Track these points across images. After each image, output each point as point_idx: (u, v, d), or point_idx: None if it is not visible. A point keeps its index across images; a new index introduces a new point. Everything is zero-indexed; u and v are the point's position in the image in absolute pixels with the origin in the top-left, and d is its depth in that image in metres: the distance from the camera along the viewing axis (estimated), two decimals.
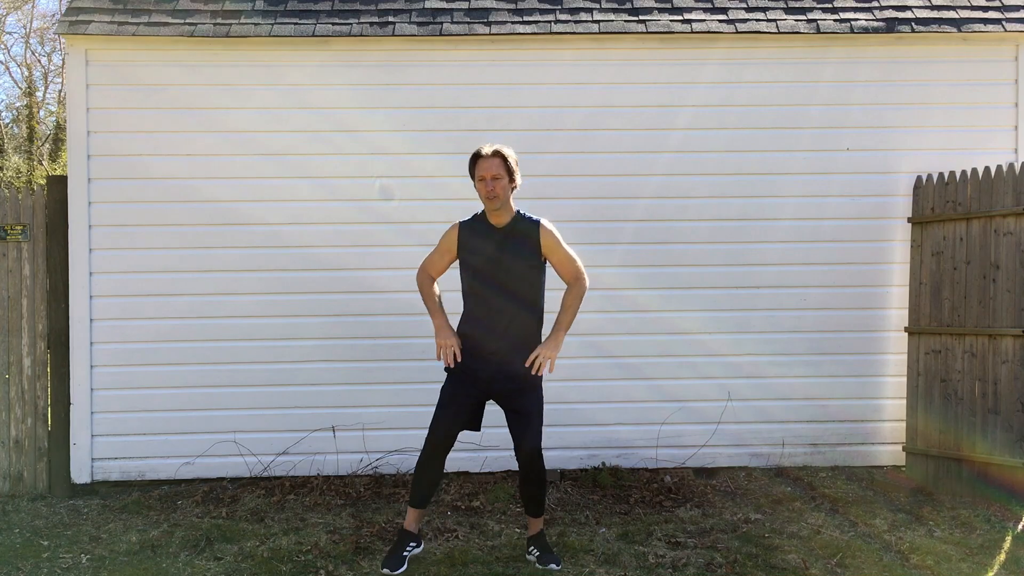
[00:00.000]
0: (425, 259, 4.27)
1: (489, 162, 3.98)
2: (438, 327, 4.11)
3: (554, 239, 4.09)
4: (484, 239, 4.07)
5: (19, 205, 5.60)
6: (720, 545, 4.50)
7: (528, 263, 4.06)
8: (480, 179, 4.00)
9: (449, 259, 4.19)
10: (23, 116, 18.53)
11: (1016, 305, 5.09)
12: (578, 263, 4.15)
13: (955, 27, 5.74)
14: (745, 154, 5.79)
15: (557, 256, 4.11)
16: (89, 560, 4.41)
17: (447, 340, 4.06)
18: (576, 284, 4.14)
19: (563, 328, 4.08)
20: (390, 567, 4.10)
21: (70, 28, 5.53)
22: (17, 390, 5.59)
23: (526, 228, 4.08)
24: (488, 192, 3.98)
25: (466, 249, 4.10)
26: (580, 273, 4.15)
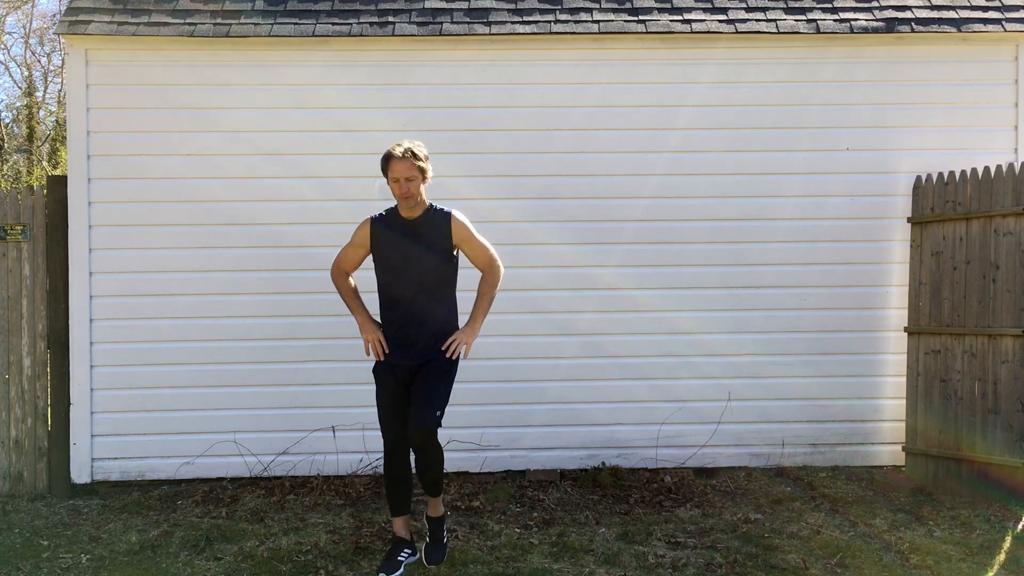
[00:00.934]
0: (338, 255, 4.30)
1: (401, 164, 3.98)
2: (361, 323, 4.19)
3: (466, 230, 4.14)
4: (397, 232, 4.12)
5: (19, 205, 5.60)
6: (720, 545, 4.50)
7: (440, 254, 4.10)
8: (394, 180, 4.01)
9: (363, 253, 4.24)
10: (23, 116, 18.52)
11: (1016, 305, 5.09)
12: (491, 251, 4.19)
13: (955, 27, 5.74)
14: (745, 154, 5.80)
15: (469, 246, 4.16)
16: (89, 560, 4.41)
17: (373, 334, 4.14)
18: (490, 272, 4.19)
19: (482, 314, 4.16)
20: (386, 571, 4.11)
21: (70, 28, 5.53)
22: (17, 390, 5.59)
23: (438, 220, 4.12)
24: (403, 192, 4.02)
25: (379, 242, 4.14)
26: (493, 261, 4.19)
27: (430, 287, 4.10)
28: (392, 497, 4.27)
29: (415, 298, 4.09)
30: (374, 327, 4.17)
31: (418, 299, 4.09)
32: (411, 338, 4.09)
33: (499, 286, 4.23)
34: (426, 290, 4.10)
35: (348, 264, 4.28)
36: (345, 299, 4.30)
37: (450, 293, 4.17)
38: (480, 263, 4.20)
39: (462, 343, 4.08)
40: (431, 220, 4.12)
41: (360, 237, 4.21)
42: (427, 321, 4.10)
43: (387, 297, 4.16)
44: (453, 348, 4.06)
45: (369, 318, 4.21)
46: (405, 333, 4.10)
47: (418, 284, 4.08)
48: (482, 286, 4.20)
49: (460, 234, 4.13)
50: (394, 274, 4.11)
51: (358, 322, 4.22)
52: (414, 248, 4.08)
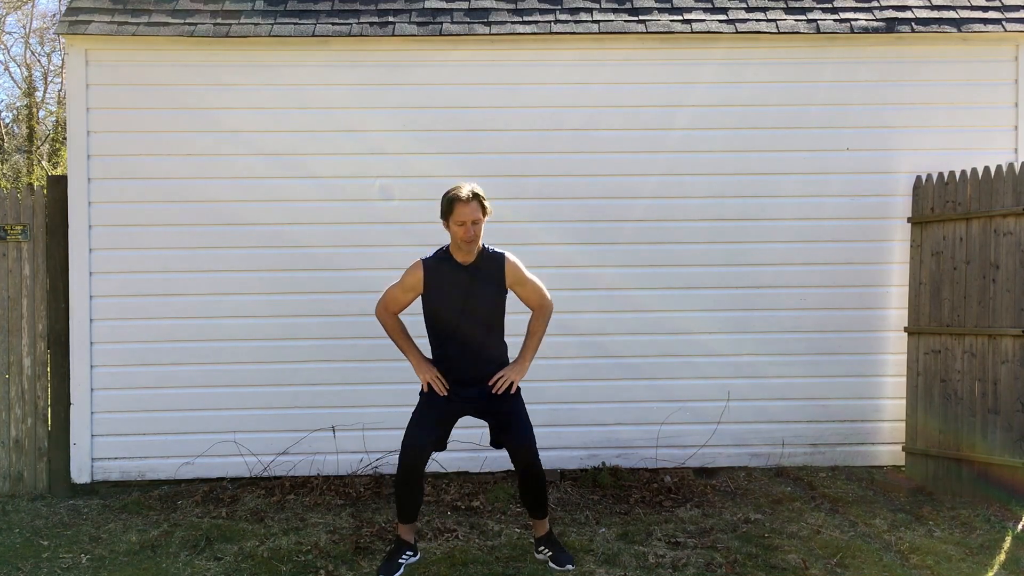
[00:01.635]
0: (385, 295, 4.21)
1: (468, 207, 3.93)
2: (416, 363, 4.14)
3: (519, 271, 4.13)
4: (452, 276, 4.06)
5: (19, 205, 5.60)
6: (720, 545, 4.50)
7: (495, 297, 4.10)
8: (460, 224, 3.95)
9: (412, 297, 4.17)
10: (23, 116, 18.51)
11: (1016, 305, 5.09)
12: (543, 290, 4.20)
13: (955, 27, 5.74)
14: (745, 154, 5.79)
15: (524, 287, 4.16)
16: (89, 560, 4.41)
17: (430, 373, 4.10)
18: (541, 311, 4.21)
19: (530, 353, 4.16)
20: (386, 573, 4.09)
21: (70, 28, 5.53)
22: (17, 390, 5.59)
23: (492, 263, 4.10)
24: (467, 236, 3.96)
25: (434, 287, 4.09)
26: (545, 300, 4.21)
27: (485, 328, 4.09)
28: (405, 503, 4.16)
29: (471, 339, 4.07)
30: (429, 365, 4.13)
31: (474, 339, 4.07)
32: (466, 377, 4.08)
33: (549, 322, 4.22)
34: (481, 331, 4.08)
35: (396, 306, 4.20)
36: (395, 339, 4.21)
37: (501, 330, 4.17)
38: (532, 303, 4.20)
39: (508, 380, 4.07)
40: (486, 263, 4.09)
41: (412, 281, 4.13)
42: (482, 360, 4.09)
43: (441, 338, 4.13)
44: (500, 385, 4.05)
45: (423, 357, 4.16)
46: (460, 372, 4.08)
47: (474, 325, 4.06)
48: (533, 324, 4.20)
49: (514, 276, 4.11)
50: (449, 317, 4.07)
51: (412, 363, 4.16)
52: (470, 291, 4.04)
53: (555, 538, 4.32)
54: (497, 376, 4.07)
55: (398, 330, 4.20)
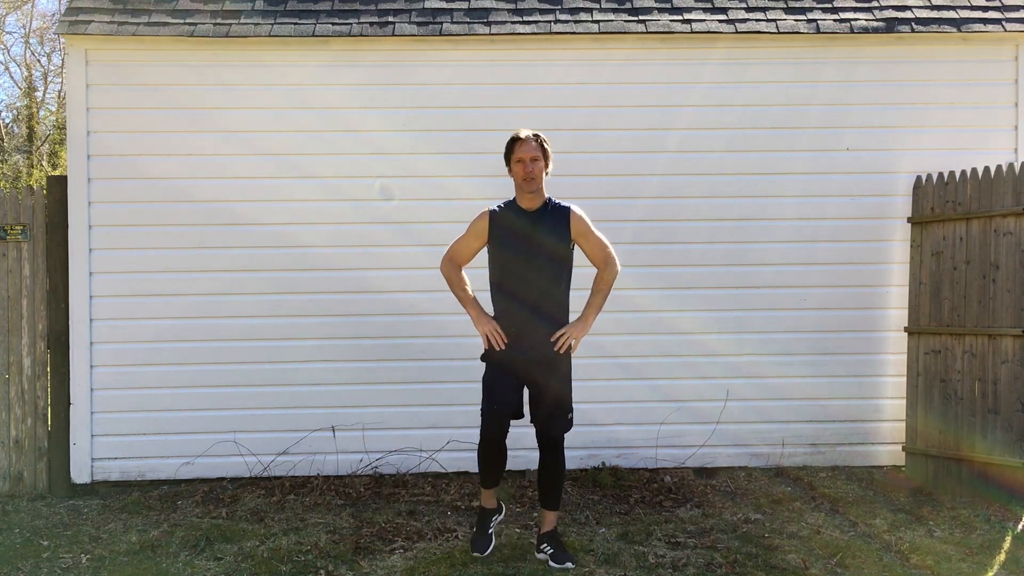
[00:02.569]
0: (451, 247, 4.24)
1: (528, 144, 4.02)
2: (475, 316, 4.14)
3: (585, 224, 4.13)
4: (516, 223, 4.09)
5: (19, 205, 5.59)
6: (720, 545, 4.50)
7: (560, 247, 4.09)
8: (519, 161, 4.02)
9: (479, 245, 4.18)
10: (23, 116, 18.51)
11: (1016, 305, 5.09)
12: (609, 248, 4.19)
13: (955, 27, 5.74)
14: (745, 154, 5.79)
15: (588, 241, 4.14)
16: (89, 560, 4.41)
17: (488, 326, 4.09)
18: (607, 268, 4.18)
19: (594, 310, 4.14)
20: (480, 550, 4.19)
21: (70, 28, 5.53)
22: (17, 390, 5.59)
23: (557, 213, 4.11)
24: (527, 173, 4.01)
25: (499, 233, 4.10)
26: (611, 257, 4.18)
27: (547, 280, 4.08)
28: (487, 471, 4.19)
29: (533, 290, 4.06)
30: (488, 319, 4.12)
31: (535, 291, 4.07)
32: (527, 330, 4.06)
33: (614, 284, 4.21)
34: (544, 282, 4.08)
35: (462, 256, 4.21)
36: (456, 292, 4.22)
37: (566, 287, 4.15)
38: (597, 259, 4.18)
39: (571, 337, 4.06)
40: (551, 212, 4.10)
41: (478, 228, 4.15)
42: (543, 314, 4.08)
43: (503, 289, 4.12)
44: (563, 342, 4.04)
45: (482, 311, 4.16)
46: (521, 325, 4.06)
47: (537, 276, 4.07)
48: (597, 282, 4.19)
49: (579, 228, 4.11)
50: (513, 265, 4.07)
51: (471, 315, 4.16)
52: (533, 240, 4.05)
53: (559, 536, 4.32)
54: (559, 333, 4.05)
55: (461, 283, 4.21)
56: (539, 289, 4.07)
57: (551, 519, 4.30)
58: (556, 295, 4.11)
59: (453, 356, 5.60)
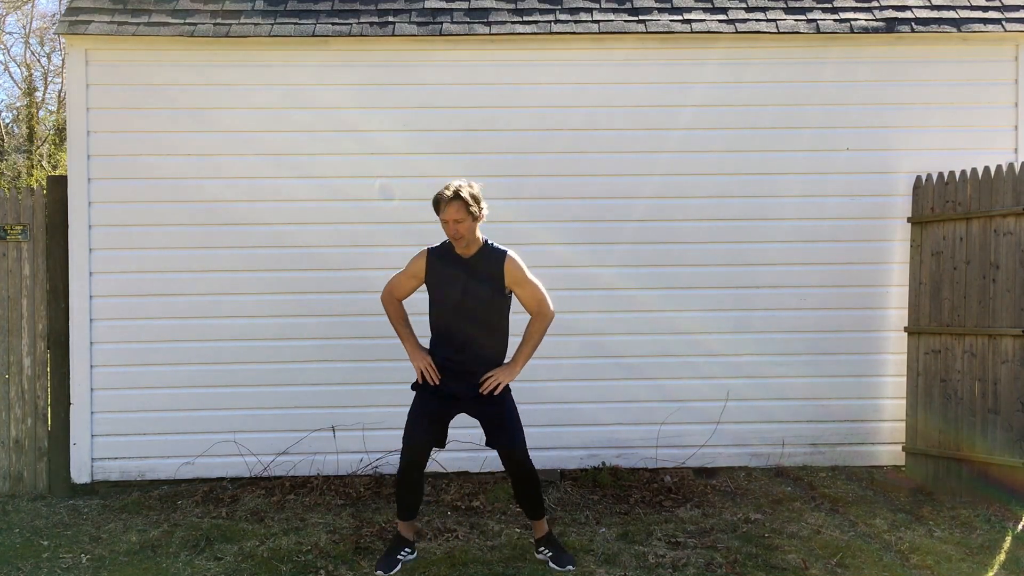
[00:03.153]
0: (390, 281, 4.30)
1: (449, 206, 4.01)
2: (411, 350, 4.20)
3: (520, 272, 4.15)
4: (452, 267, 4.13)
5: (19, 205, 5.60)
6: (720, 545, 4.50)
7: (494, 293, 4.12)
8: (444, 222, 4.05)
9: (416, 284, 4.25)
10: (23, 116, 18.52)
11: (1016, 305, 5.09)
12: (543, 295, 4.21)
13: (955, 27, 5.74)
14: (745, 154, 5.79)
15: (522, 289, 4.17)
16: (89, 560, 4.42)
17: (423, 361, 4.14)
18: (538, 316, 4.21)
19: (524, 358, 4.18)
20: (384, 569, 4.14)
21: (70, 28, 5.53)
22: (17, 390, 5.59)
23: (492, 259, 4.14)
24: (452, 233, 4.05)
25: (434, 276, 4.16)
26: (544, 304, 4.21)
27: (482, 323, 4.12)
28: (404, 503, 4.25)
29: (467, 332, 4.11)
30: (423, 354, 4.17)
31: (470, 333, 4.11)
32: (461, 370, 4.11)
33: (547, 330, 4.23)
34: (479, 325, 4.12)
35: (400, 292, 4.28)
36: (395, 325, 4.28)
37: (502, 329, 4.19)
38: (529, 307, 4.21)
39: (497, 381, 4.09)
40: (486, 259, 4.13)
41: (415, 268, 4.22)
42: (478, 355, 4.12)
43: (439, 329, 4.18)
44: (487, 385, 4.08)
45: (418, 345, 4.21)
46: (455, 365, 4.11)
47: (471, 319, 4.10)
48: (530, 327, 4.21)
49: (513, 276, 4.14)
50: (448, 308, 4.12)
51: (407, 349, 4.22)
52: (469, 284, 4.09)
53: (555, 538, 4.33)
54: (486, 376, 4.09)
55: (399, 317, 4.28)
56: (473, 332, 4.12)
57: (541, 526, 4.31)
58: (491, 337, 4.16)
59: None
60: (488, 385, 4.08)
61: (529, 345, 4.19)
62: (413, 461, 4.13)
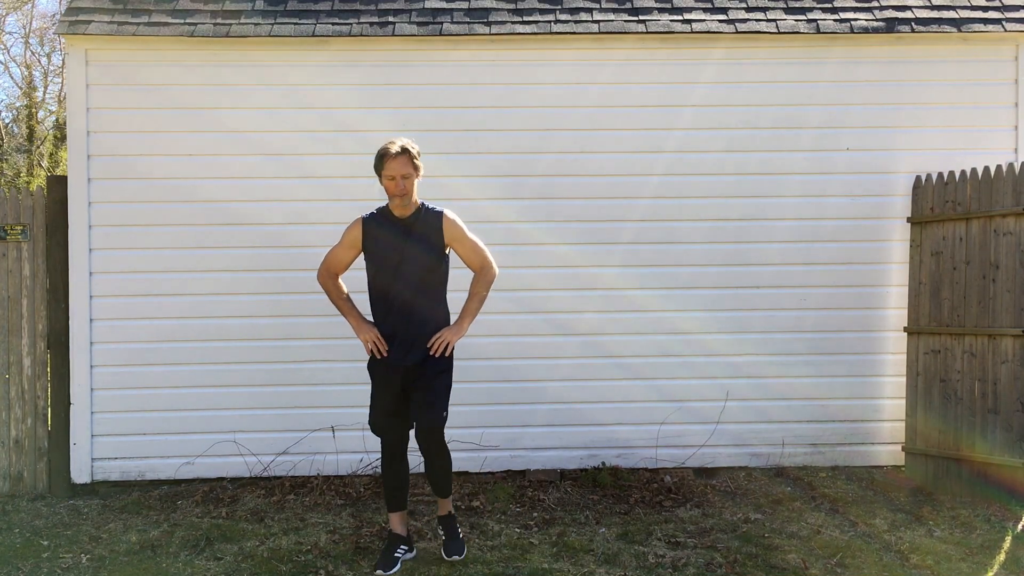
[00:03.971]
0: (326, 258, 4.28)
1: (397, 161, 4.00)
2: (356, 325, 4.18)
3: (458, 229, 4.13)
4: (389, 232, 4.11)
5: (19, 205, 5.60)
6: (720, 545, 4.50)
7: (433, 253, 4.10)
8: (390, 178, 4.01)
9: (354, 254, 4.22)
10: (23, 116, 18.51)
11: (1016, 305, 5.09)
12: (484, 251, 4.18)
13: (955, 27, 5.74)
14: (745, 154, 5.79)
15: (462, 246, 4.15)
16: (89, 560, 4.42)
17: (369, 334, 4.13)
18: (481, 272, 4.18)
19: (470, 315, 4.14)
20: (383, 568, 4.14)
21: (70, 28, 5.53)
22: (17, 390, 5.59)
23: (430, 219, 4.11)
24: (398, 190, 4.01)
25: (372, 242, 4.13)
26: (486, 261, 4.18)
27: (423, 286, 4.10)
28: (390, 493, 4.28)
29: (408, 297, 4.08)
30: (369, 327, 4.17)
31: (411, 298, 4.08)
32: (405, 337, 4.09)
33: (491, 287, 4.21)
34: (419, 289, 4.09)
35: (338, 265, 4.26)
36: (335, 302, 4.28)
37: (442, 292, 4.17)
38: (472, 263, 4.19)
39: (446, 341, 4.06)
40: (423, 219, 4.11)
41: (351, 238, 4.19)
42: (420, 320, 4.09)
43: (379, 297, 4.15)
44: (437, 346, 4.05)
45: (363, 319, 4.21)
46: (398, 332, 4.10)
47: (411, 283, 4.08)
48: (473, 286, 4.19)
49: (452, 233, 4.12)
50: (387, 273, 4.10)
51: (352, 324, 4.21)
52: (407, 247, 4.07)
53: (454, 523, 4.33)
54: (435, 338, 4.05)
55: (338, 293, 4.26)
56: (415, 295, 4.08)
57: (447, 504, 4.32)
58: (432, 300, 4.12)
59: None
60: (438, 345, 4.04)
61: (476, 300, 4.16)
62: (391, 448, 4.17)
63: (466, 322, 4.13)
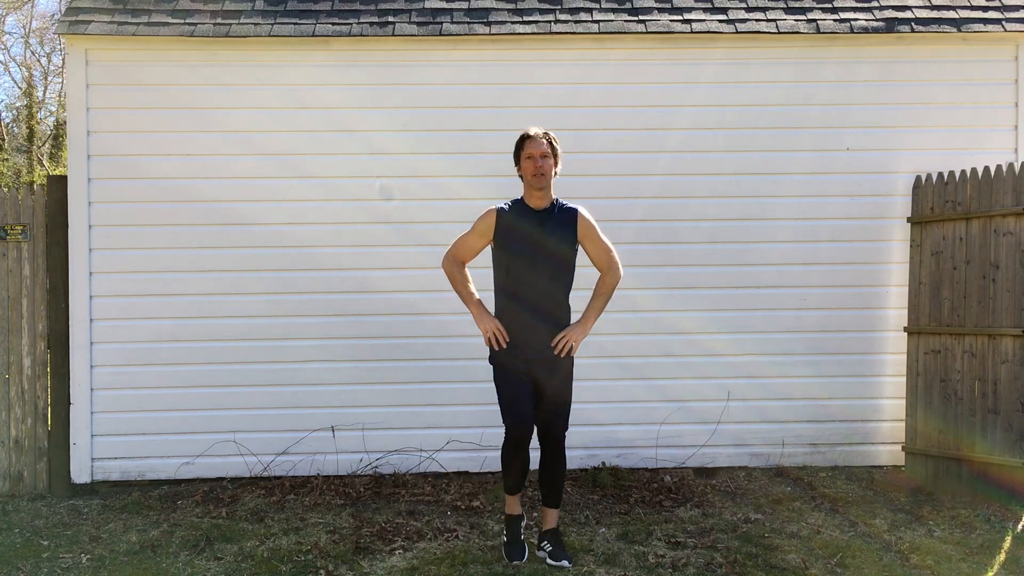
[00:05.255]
0: (454, 244, 4.22)
1: (538, 141, 4.04)
2: (477, 314, 4.13)
3: (592, 227, 4.14)
4: (523, 222, 4.08)
5: (19, 205, 5.59)
6: (720, 545, 4.50)
7: (564, 248, 4.09)
8: (529, 157, 4.03)
9: (484, 243, 4.17)
10: (23, 116, 18.51)
11: (1016, 305, 5.09)
12: (614, 253, 4.19)
13: (955, 27, 5.74)
14: (745, 154, 5.79)
15: (594, 244, 4.15)
16: (89, 560, 4.41)
17: (489, 324, 4.08)
18: (610, 272, 4.18)
19: (594, 314, 4.14)
20: (518, 557, 4.19)
21: (70, 28, 5.53)
22: (17, 390, 5.59)
23: (564, 213, 4.12)
24: (537, 169, 4.01)
25: (504, 231, 4.09)
26: (615, 262, 4.19)
27: (552, 280, 4.08)
28: (511, 477, 4.20)
29: (537, 290, 4.06)
30: (490, 318, 4.11)
31: (540, 291, 4.07)
32: (529, 331, 4.06)
33: (616, 288, 4.21)
34: (548, 283, 4.08)
35: (467, 253, 4.20)
36: (459, 289, 4.19)
37: (567, 289, 4.15)
38: (601, 263, 4.19)
39: (571, 341, 4.06)
40: (558, 212, 4.11)
41: (484, 226, 4.13)
42: (545, 314, 4.08)
43: (507, 288, 4.11)
44: (563, 345, 4.04)
45: (484, 309, 4.14)
46: (523, 325, 4.06)
47: (541, 276, 4.06)
48: (600, 286, 4.19)
49: (585, 230, 4.12)
50: (518, 265, 4.06)
51: (473, 313, 4.15)
52: (540, 239, 4.05)
53: (559, 535, 4.34)
54: (559, 337, 4.05)
55: (463, 280, 4.19)
56: (542, 289, 4.07)
57: (552, 517, 4.31)
58: (558, 296, 4.11)
59: (453, 356, 5.60)
60: (563, 345, 4.04)
61: (602, 300, 4.16)
62: (521, 437, 4.06)
63: (591, 322, 4.13)
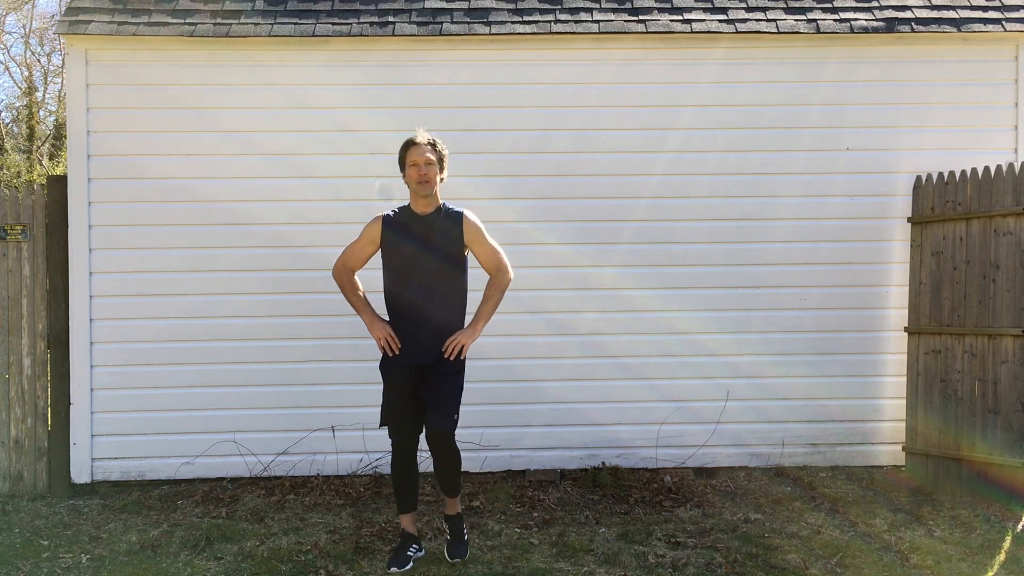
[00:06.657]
0: (343, 253, 4.27)
1: (422, 148, 4.04)
2: (369, 321, 4.17)
3: (478, 230, 4.14)
4: (409, 228, 4.11)
5: (19, 205, 5.60)
6: (720, 545, 4.50)
7: (451, 253, 4.11)
8: (413, 164, 4.04)
9: (372, 250, 4.21)
10: (23, 116, 18.51)
11: (1016, 305, 5.09)
12: (501, 255, 4.20)
13: (955, 27, 5.74)
14: (745, 154, 5.79)
15: (480, 248, 4.16)
16: (89, 560, 4.42)
17: (383, 331, 4.12)
18: (498, 274, 4.19)
19: (484, 317, 4.14)
20: (398, 565, 4.13)
21: (70, 28, 5.53)
22: (17, 390, 5.59)
23: (450, 219, 4.13)
24: (421, 176, 4.03)
25: (391, 237, 4.13)
26: (503, 265, 4.19)
27: (439, 285, 4.10)
28: (400, 494, 4.25)
29: (424, 296, 4.08)
30: (383, 324, 4.15)
31: (427, 297, 4.08)
32: (418, 336, 4.09)
33: (506, 291, 4.21)
34: (435, 288, 4.09)
35: (355, 261, 4.25)
36: (350, 298, 4.26)
37: (459, 293, 4.16)
38: (489, 266, 4.19)
39: (460, 344, 4.06)
40: (443, 218, 4.12)
41: (371, 233, 4.19)
42: (434, 320, 4.09)
43: (395, 295, 4.14)
44: (451, 349, 4.05)
45: (376, 316, 4.19)
46: (412, 331, 4.09)
47: (427, 282, 4.08)
48: (488, 289, 4.19)
49: (471, 234, 4.13)
50: (404, 271, 4.10)
51: (365, 321, 4.20)
52: (425, 245, 4.08)
53: (461, 523, 4.33)
54: (450, 340, 4.06)
55: (353, 289, 4.25)
56: (431, 294, 4.09)
57: (452, 504, 4.31)
58: (449, 300, 4.12)
59: None
60: (453, 348, 4.04)
61: (490, 303, 4.15)
62: (401, 449, 4.14)
63: (480, 325, 4.13)
